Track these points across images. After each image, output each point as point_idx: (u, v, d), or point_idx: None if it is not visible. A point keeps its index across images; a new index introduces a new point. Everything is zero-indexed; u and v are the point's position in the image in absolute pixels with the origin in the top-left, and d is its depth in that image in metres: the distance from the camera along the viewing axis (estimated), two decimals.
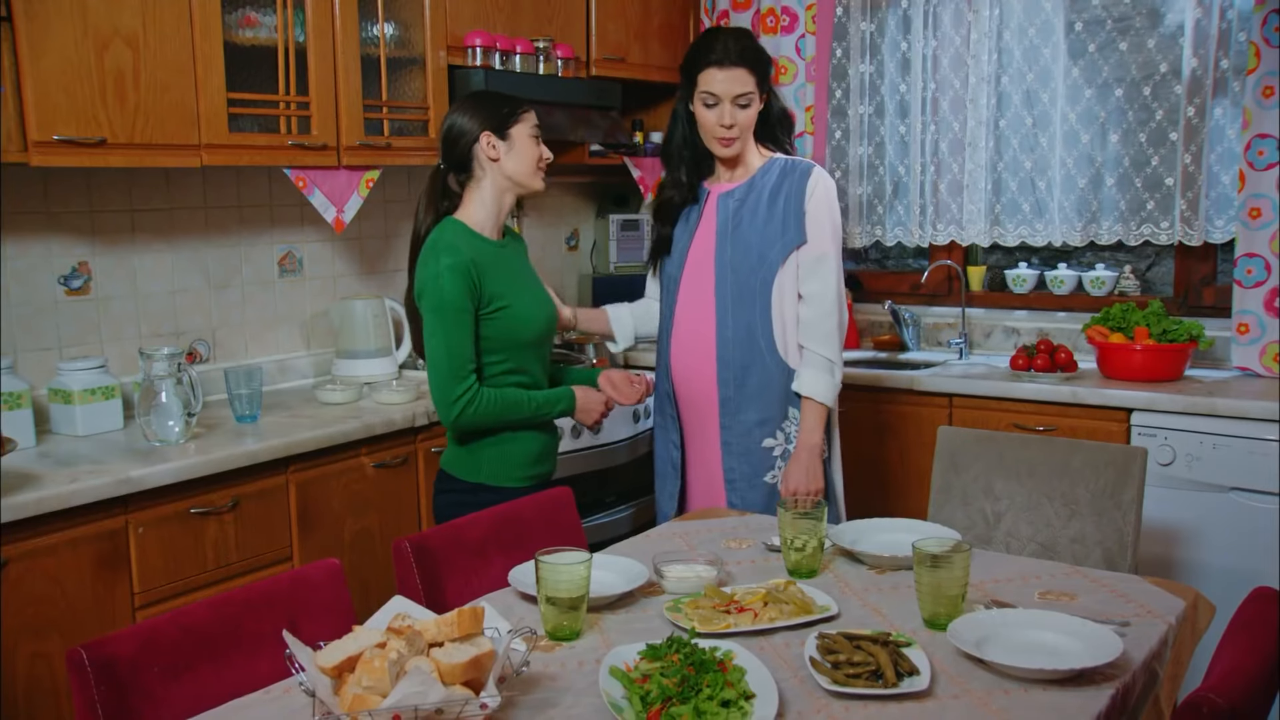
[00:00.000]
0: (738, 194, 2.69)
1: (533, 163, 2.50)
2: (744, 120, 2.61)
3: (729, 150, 2.65)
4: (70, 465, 2.46)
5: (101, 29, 2.55)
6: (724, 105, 2.59)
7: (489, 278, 2.41)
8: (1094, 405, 3.23)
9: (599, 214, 4.54)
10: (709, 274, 2.69)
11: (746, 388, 2.68)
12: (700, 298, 2.70)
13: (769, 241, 2.64)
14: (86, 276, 2.97)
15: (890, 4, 4.04)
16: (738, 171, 2.72)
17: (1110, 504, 2.47)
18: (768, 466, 2.68)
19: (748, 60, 2.58)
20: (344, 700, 1.42)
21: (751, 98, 2.60)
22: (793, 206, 2.64)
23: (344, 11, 3.06)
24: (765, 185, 2.67)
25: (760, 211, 2.65)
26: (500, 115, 2.47)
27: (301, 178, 3.05)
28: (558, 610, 1.76)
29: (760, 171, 2.69)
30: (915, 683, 1.56)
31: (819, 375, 2.63)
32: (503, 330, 2.43)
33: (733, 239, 2.66)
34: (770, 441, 2.68)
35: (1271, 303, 3.33)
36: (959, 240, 3.97)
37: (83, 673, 1.47)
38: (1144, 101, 3.63)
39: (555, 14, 3.74)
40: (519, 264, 2.57)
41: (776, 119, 2.73)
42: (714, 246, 2.69)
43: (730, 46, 2.58)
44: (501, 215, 2.53)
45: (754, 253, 2.64)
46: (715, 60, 2.58)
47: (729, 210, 2.68)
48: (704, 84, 2.60)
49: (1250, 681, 1.37)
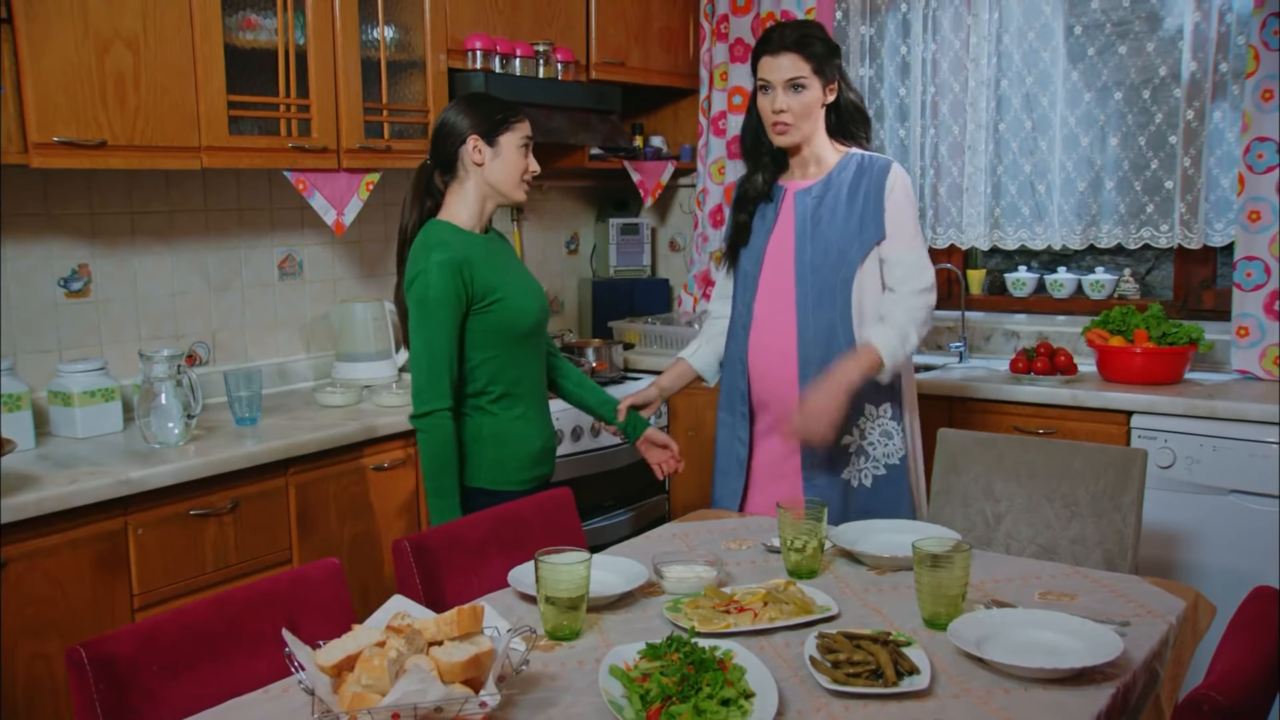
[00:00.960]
0: (815, 191, 2.62)
1: (517, 174, 2.50)
2: (797, 106, 2.54)
3: (785, 139, 2.58)
4: (70, 467, 2.46)
5: (102, 31, 2.55)
6: (776, 91, 2.54)
7: (480, 272, 2.41)
8: (1094, 408, 3.23)
9: (599, 218, 4.55)
10: (789, 272, 2.62)
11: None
12: (780, 296, 2.63)
13: (849, 239, 2.57)
14: (86, 279, 2.97)
15: (889, 8, 4.05)
16: (813, 168, 2.65)
17: (1110, 505, 2.47)
18: (844, 464, 2.61)
19: (801, 46, 2.53)
20: (343, 699, 1.42)
21: (806, 82, 2.53)
22: (872, 204, 2.57)
23: (344, 14, 3.06)
24: (843, 182, 2.60)
25: (840, 209, 2.58)
26: (491, 121, 2.47)
27: (302, 180, 3.05)
28: (557, 610, 1.76)
29: (837, 168, 2.62)
30: (915, 682, 1.56)
31: (890, 333, 2.50)
32: (497, 323, 2.43)
33: (812, 237, 2.60)
34: (848, 439, 2.60)
35: (1271, 306, 3.33)
36: (959, 244, 3.97)
37: (82, 671, 1.47)
38: (1143, 105, 3.64)
39: (555, 17, 3.74)
40: (507, 256, 2.57)
41: (849, 112, 2.65)
42: (793, 245, 2.62)
43: (785, 34, 2.56)
44: (484, 217, 2.53)
45: (834, 251, 2.57)
46: (769, 49, 2.56)
47: (807, 208, 2.61)
48: (759, 72, 2.58)
49: (1250, 680, 1.37)
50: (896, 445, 2.63)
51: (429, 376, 2.37)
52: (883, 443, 2.62)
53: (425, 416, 2.38)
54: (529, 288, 2.55)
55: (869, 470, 2.62)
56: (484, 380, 2.45)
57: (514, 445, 2.49)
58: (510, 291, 2.46)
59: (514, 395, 2.50)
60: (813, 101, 2.56)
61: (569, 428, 3.48)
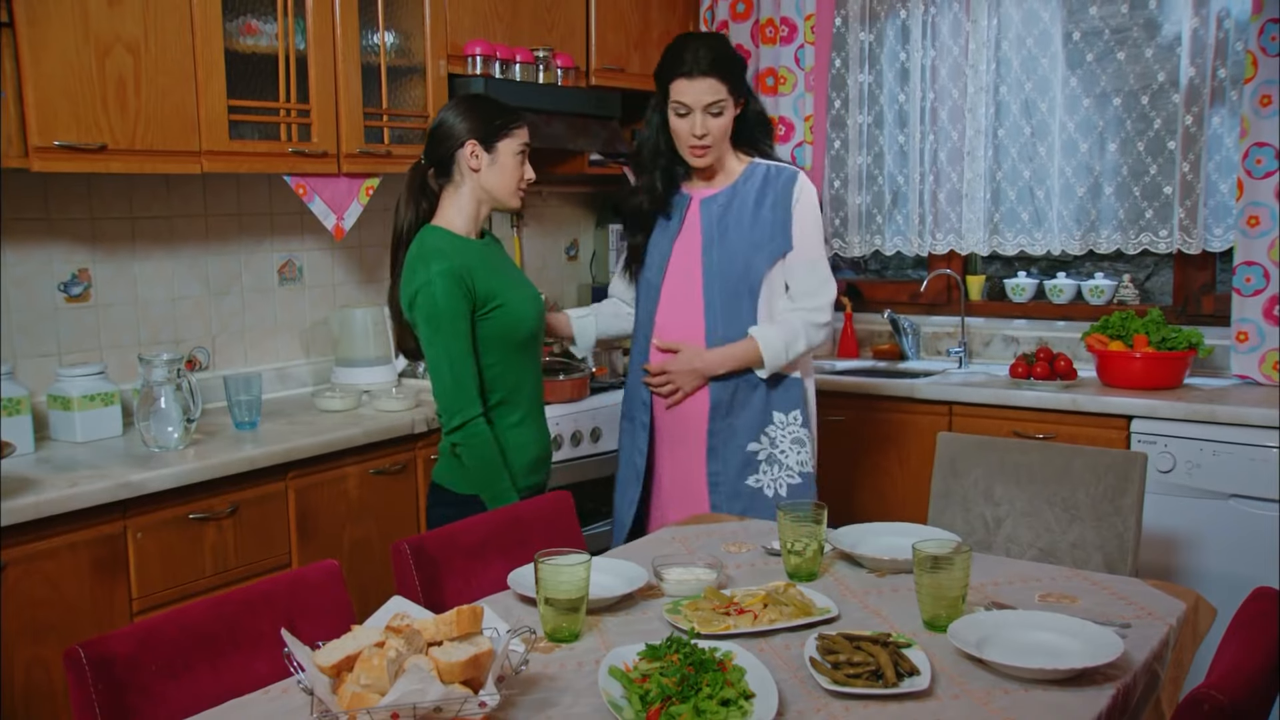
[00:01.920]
0: (721, 200, 2.66)
1: (514, 182, 2.48)
2: (716, 129, 2.58)
3: (702, 160, 2.62)
4: (69, 470, 2.46)
5: (103, 35, 2.56)
6: (695, 115, 2.56)
7: (481, 278, 2.40)
8: (1094, 413, 3.23)
9: (598, 224, 4.55)
10: (695, 281, 2.66)
11: (738, 393, 2.66)
12: (686, 305, 2.67)
13: (756, 248, 2.62)
14: (86, 283, 2.97)
15: (889, 14, 4.06)
16: (719, 177, 2.69)
17: (1110, 509, 2.47)
18: (751, 470, 2.68)
19: (718, 69, 2.54)
20: (342, 699, 1.41)
21: (724, 105, 2.56)
22: (779, 214, 2.62)
23: (344, 20, 3.07)
24: (749, 191, 2.64)
25: (745, 218, 2.63)
26: (491, 126, 2.45)
27: (302, 185, 3.05)
28: (557, 611, 1.76)
29: (743, 177, 2.66)
30: (915, 682, 1.56)
31: (777, 336, 2.60)
32: (499, 329, 2.42)
33: (719, 245, 2.63)
34: (754, 445, 2.67)
35: (1271, 310, 3.33)
36: (958, 249, 3.97)
37: (80, 670, 1.47)
38: (1142, 111, 3.64)
39: (555, 24, 3.75)
40: (504, 261, 2.57)
41: (754, 122, 2.69)
42: (700, 253, 2.65)
43: (700, 55, 2.54)
44: (479, 221, 2.52)
45: (740, 260, 2.62)
46: (684, 71, 2.54)
47: (713, 216, 2.65)
48: (675, 94, 2.57)
49: (1251, 679, 1.36)
50: (809, 453, 2.71)
51: (455, 387, 2.36)
52: (795, 450, 2.69)
53: (461, 428, 2.37)
54: (527, 294, 2.53)
55: (783, 479, 2.68)
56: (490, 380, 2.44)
57: (509, 453, 2.47)
58: (510, 297, 2.45)
59: (511, 403, 2.48)
60: (728, 122, 2.60)
61: (568, 433, 3.48)
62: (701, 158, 2.61)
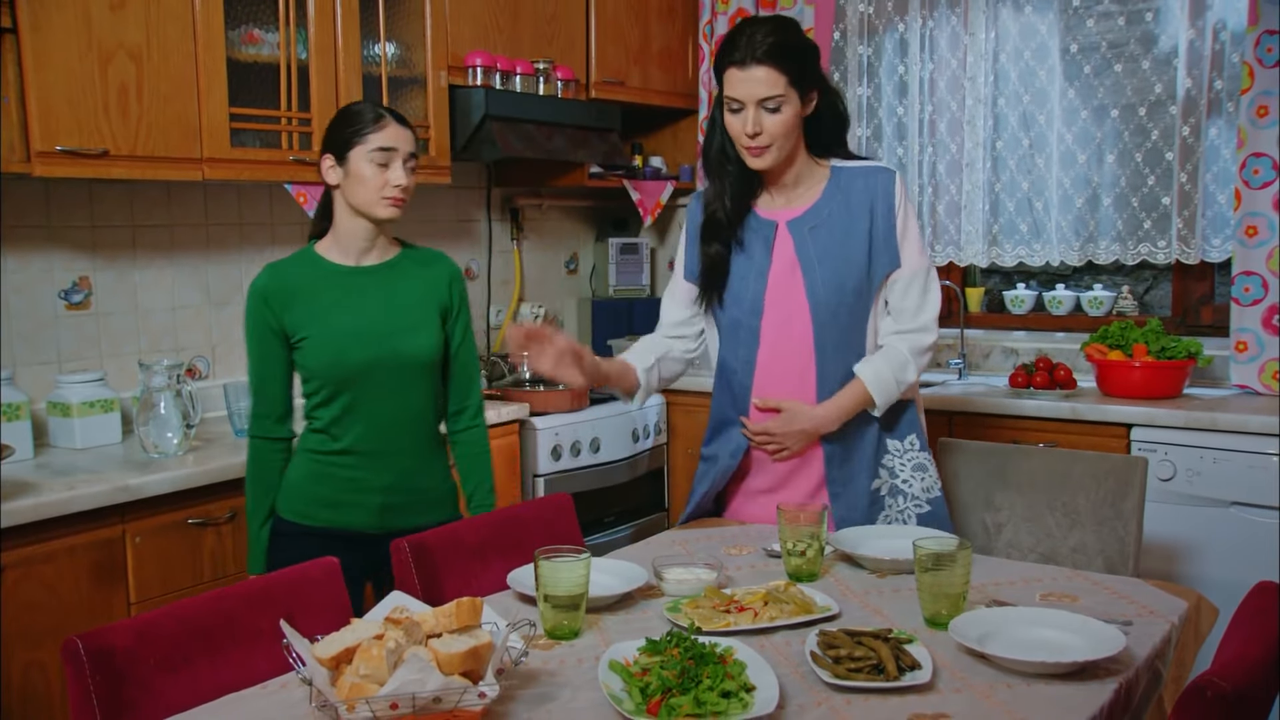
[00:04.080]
0: (810, 219, 2.28)
1: (373, 191, 2.21)
2: (774, 127, 2.18)
3: (759, 162, 2.22)
4: (68, 475, 2.46)
5: (105, 42, 2.57)
6: (748, 110, 2.17)
7: (293, 308, 2.25)
8: (1094, 421, 3.23)
9: (598, 238, 4.56)
10: (802, 318, 2.28)
11: (850, 437, 2.34)
12: (792, 346, 2.30)
13: (863, 268, 2.26)
14: (87, 291, 2.98)
15: (887, 28, 4.09)
16: (800, 191, 2.31)
17: (1111, 513, 2.46)
18: (878, 509, 2.37)
19: (775, 56, 2.14)
20: (341, 689, 1.41)
21: (781, 101, 2.16)
22: (883, 224, 2.26)
23: (346, 30, 3.09)
24: (842, 201, 2.28)
25: (844, 234, 2.26)
26: (341, 136, 2.23)
27: (302, 193, 3.06)
28: (556, 609, 1.75)
29: (828, 189, 2.29)
30: (917, 676, 1.55)
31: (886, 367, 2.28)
32: (307, 362, 2.27)
33: (822, 274, 2.26)
34: (876, 483, 2.37)
35: (1270, 320, 3.33)
36: (957, 261, 3.98)
37: (79, 662, 1.46)
38: (1139, 123, 3.66)
39: (555, 36, 3.77)
40: (358, 295, 2.28)
41: (827, 123, 2.30)
42: (803, 288, 2.27)
43: (756, 41, 2.15)
44: (358, 240, 2.29)
45: (849, 287, 2.26)
46: (736, 59, 2.17)
47: (806, 240, 2.27)
48: (726, 87, 2.20)
49: (1254, 669, 1.36)
50: (933, 477, 2.40)
51: (251, 399, 2.34)
52: (918, 478, 2.38)
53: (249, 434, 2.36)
54: (363, 332, 2.25)
55: (910, 510, 2.38)
56: (309, 407, 2.32)
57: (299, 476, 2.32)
58: (322, 334, 2.24)
59: (334, 435, 2.29)
60: (791, 118, 2.20)
61: (567, 443, 3.48)
62: (759, 158, 2.21)
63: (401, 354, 2.28)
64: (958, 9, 3.90)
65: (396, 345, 2.28)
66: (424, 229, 3.88)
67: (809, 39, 2.25)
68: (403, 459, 2.33)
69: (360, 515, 2.31)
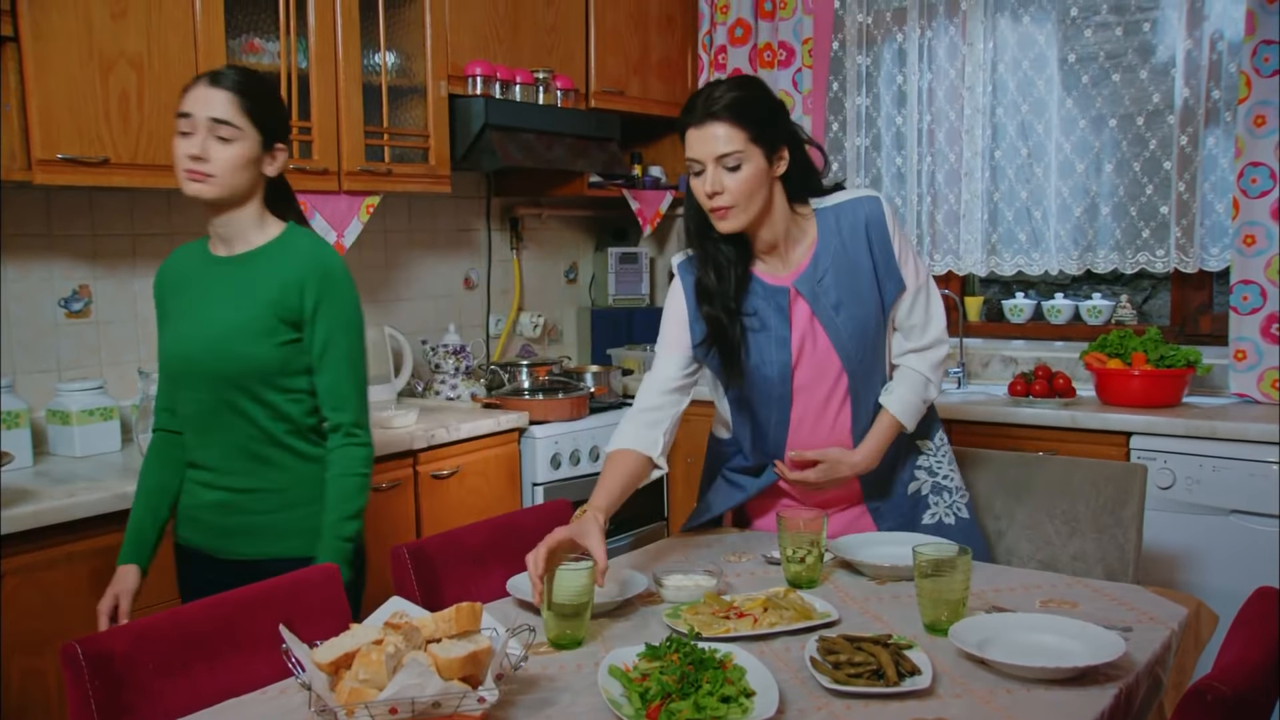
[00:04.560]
0: (815, 271, 2.21)
1: (177, 165, 2.01)
2: (735, 186, 2.07)
3: (726, 225, 2.11)
4: (67, 482, 2.46)
5: (107, 50, 2.58)
6: (708, 170, 2.07)
7: (166, 298, 2.16)
8: (1093, 429, 3.23)
9: (598, 247, 4.57)
10: (833, 368, 2.23)
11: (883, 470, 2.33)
12: (828, 395, 2.25)
13: (873, 305, 2.23)
14: (87, 300, 2.98)
15: (886, 38, 4.10)
16: (794, 248, 2.22)
17: (1111, 520, 2.46)
18: (923, 508, 2.36)
19: (730, 112, 2.05)
20: (340, 694, 1.41)
21: (741, 158, 2.06)
22: (881, 253, 2.21)
23: (346, 39, 3.09)
24: (839, 244, 2.21)
25: (850, 276, 2.21)
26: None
27: (302, 201, 3.06)
28: (560, 618, 1.74)
29: (821, 233, 2.22)
30: (917, 682, 1.55)
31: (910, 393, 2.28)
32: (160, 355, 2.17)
33: (843, 321, 2.20)
34: (914, 485, 2.37)
35: (1268, 329, 3.34)
36: (956, 270, 3.99)
37: (77, 667, 1.46)
38: (1138, 132, 3.67)
39: (555, 46, 3.79)
40: (209, 289, 2.10)
41: (800, 173, 2.19)
42: (828, 338, 2.21)
43: (713, 99, 2.07)
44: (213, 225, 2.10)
45: (871, 328, 2.23)
46: (693, 120, 2.09)
47: (817, 292, 2.20)
48: (686, 149, 2.11)
49: (1254, 672, 1.36)
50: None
51: None
52: (956, 474, 2.40)
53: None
54: (194, 333, 2.07)
55: (959, 503, 2.38)
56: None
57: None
58: (166, 331, 2.14)
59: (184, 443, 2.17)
60: (754, 177, 2.08)
61: (566, 451, 3.48)
62: (724, 220, 2.11)
63: (227, 361, 2.03)
64: (956, 19, 3.91)
65: (223, 350, 2.03)
66: (424, 238, 3.89)
67: (773, 96, 2.16)
68: (234, 478, 2.09)
69: (199, 534, 2.15)
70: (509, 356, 4.17)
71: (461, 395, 3.60)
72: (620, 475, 2.11)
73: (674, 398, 2.23)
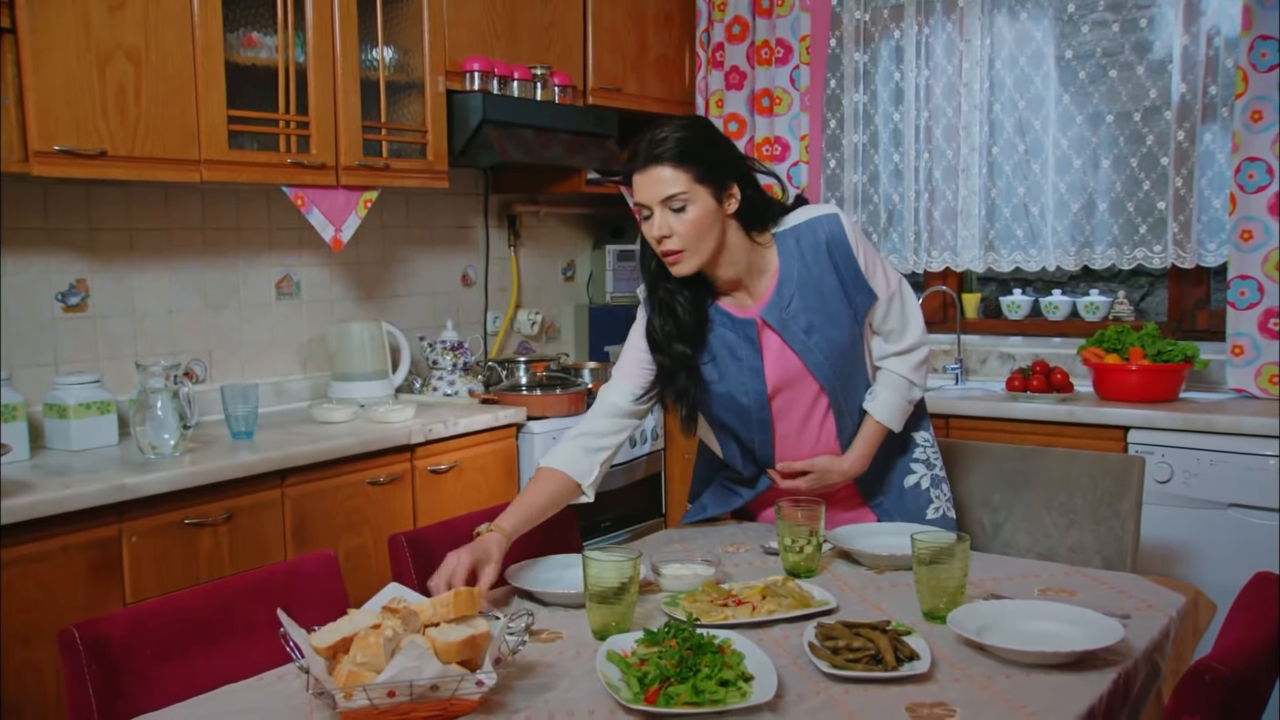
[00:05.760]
0: (781, 299, 2.18)
1: None
2: (683, 228, 2.04)
3: (679, 268, 2.09)
4: (64, 474, 2.45)
5: (104, 43, 2.58)
6: (655, 214, 2.05)
7: None
8: (1091, 424, 3.24)
9: (595, 245, 4.57)
10: (811, 389, 2.23)
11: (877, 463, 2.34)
12: (808, 412, 2.26)
13: (846, 320, 2.21)
14: (84, 294, 2.97)
15: (883, 35, 4.10)
16: (758, 279, 2.19)
17: (1109, 513, 2.46)
18: (926, 502, 2.37)
19: (673, 154, 2.02)
20: (338, 678, 1.40)
21: (687, 199, 2.02)
22: (848, 270, 2.19)
23: (344, 34, 3.09)
24: (802, 266, 2.18)
25: (817, 298, 2.19)
26: None
27: (300, 196, 3.07)
28: (605, 608, 1.70)
29: (783, 258, 2.18)
30: (915, 666, 1.55)
31: (894, 398, 2.29)
32: None
33: (815, 342, 2.19)
34: (911, 479, 2.37)
35: (1266, 324, 3.34)
36: (953, 266, 3.99)
37: (74, 651, 1.45)
38: (1135, 128, 3.68)
39: (553, 43, 3.79)
40: None
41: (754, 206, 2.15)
42: (802, 362, 2.20)
43: (655, 142, 2.05)
44: None
45: (845, 344, 2.22)
46: (637, 165, 2.07)
47: (786, 319, 2.18)
48: (634, 196, 2.09)
49: (1252, 654, 1.36)
50: None
51: None
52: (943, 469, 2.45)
53: None
54: None
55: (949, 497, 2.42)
56: None
57: None
58: None
59: None
60: (703, 218, 2.05)
61: None
62: (677, 264, 2.08)
63: None
64: (953, 16, 3.92)
65: None
66: (421, 235, 3.89)
67: (719, 135, 2.14)
68: None
69: None
70: (506, 354, 4.17)
71: (459, 391, 3.60)
72: (541, 496, 2.09)
73: (622, 423, 2.22)
